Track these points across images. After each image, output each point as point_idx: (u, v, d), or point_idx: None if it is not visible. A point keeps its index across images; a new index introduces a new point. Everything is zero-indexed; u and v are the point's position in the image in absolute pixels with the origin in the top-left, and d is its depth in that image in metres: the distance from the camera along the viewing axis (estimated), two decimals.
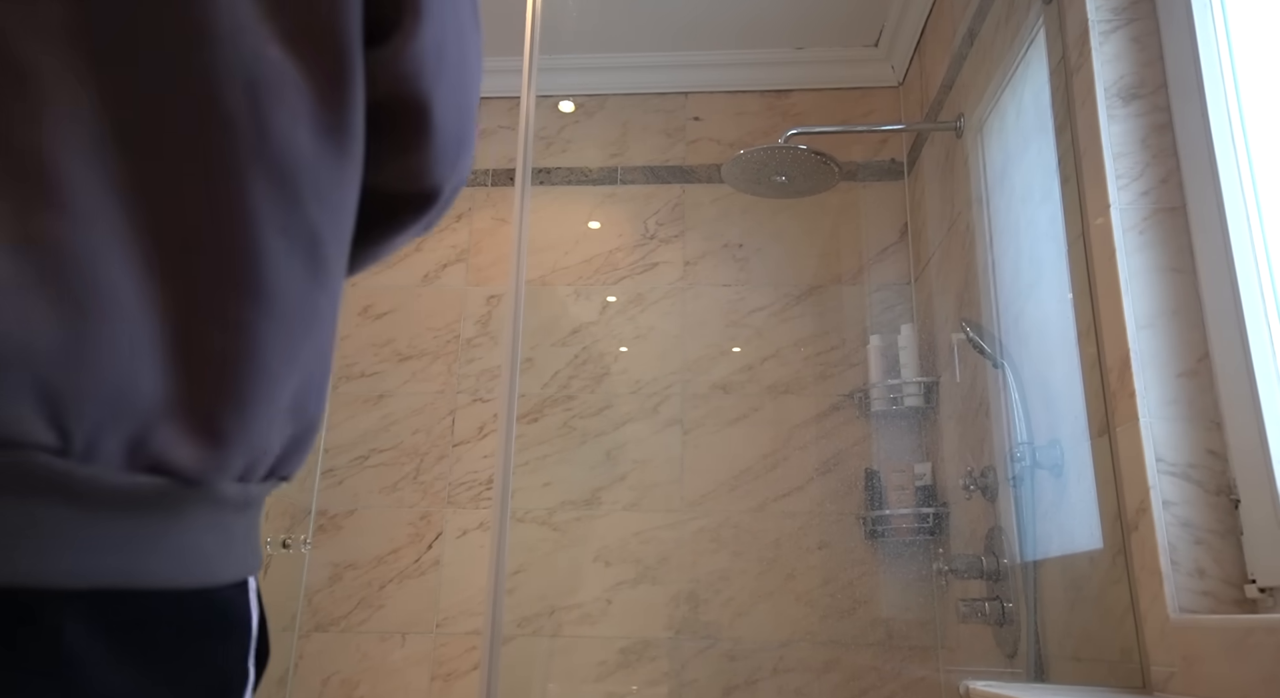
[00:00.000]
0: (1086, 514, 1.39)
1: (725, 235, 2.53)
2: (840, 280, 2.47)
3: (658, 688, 2.19)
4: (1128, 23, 1.38)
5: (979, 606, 1.75)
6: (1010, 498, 1.70)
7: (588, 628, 2.25)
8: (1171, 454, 1.21)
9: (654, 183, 2.59)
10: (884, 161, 2.54)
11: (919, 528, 2.20)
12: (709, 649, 2.21)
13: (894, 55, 2.55)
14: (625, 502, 2.33)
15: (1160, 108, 1.33)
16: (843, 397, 2.36)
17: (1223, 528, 1.17)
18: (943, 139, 2.20)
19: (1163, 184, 1.30)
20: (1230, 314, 1.18)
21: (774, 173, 2.09)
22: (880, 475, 2.26)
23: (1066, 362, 1.48)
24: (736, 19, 2.49)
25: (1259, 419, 1.12)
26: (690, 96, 2.66)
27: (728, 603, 2.24)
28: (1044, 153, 1.58)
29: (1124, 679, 1.24)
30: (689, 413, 2.39)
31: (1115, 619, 1.28)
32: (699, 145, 2.62)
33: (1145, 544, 1.20)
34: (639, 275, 2.51)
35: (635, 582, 2.27)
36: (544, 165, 2.63)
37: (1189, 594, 1.15)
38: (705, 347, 2.44)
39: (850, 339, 2.41)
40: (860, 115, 2.59)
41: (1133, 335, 1.26)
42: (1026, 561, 1.63)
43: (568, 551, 2.31)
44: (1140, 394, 1.23)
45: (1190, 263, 1.27)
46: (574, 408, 2.42)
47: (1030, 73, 1.68)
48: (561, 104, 2.68)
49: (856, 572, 2.24)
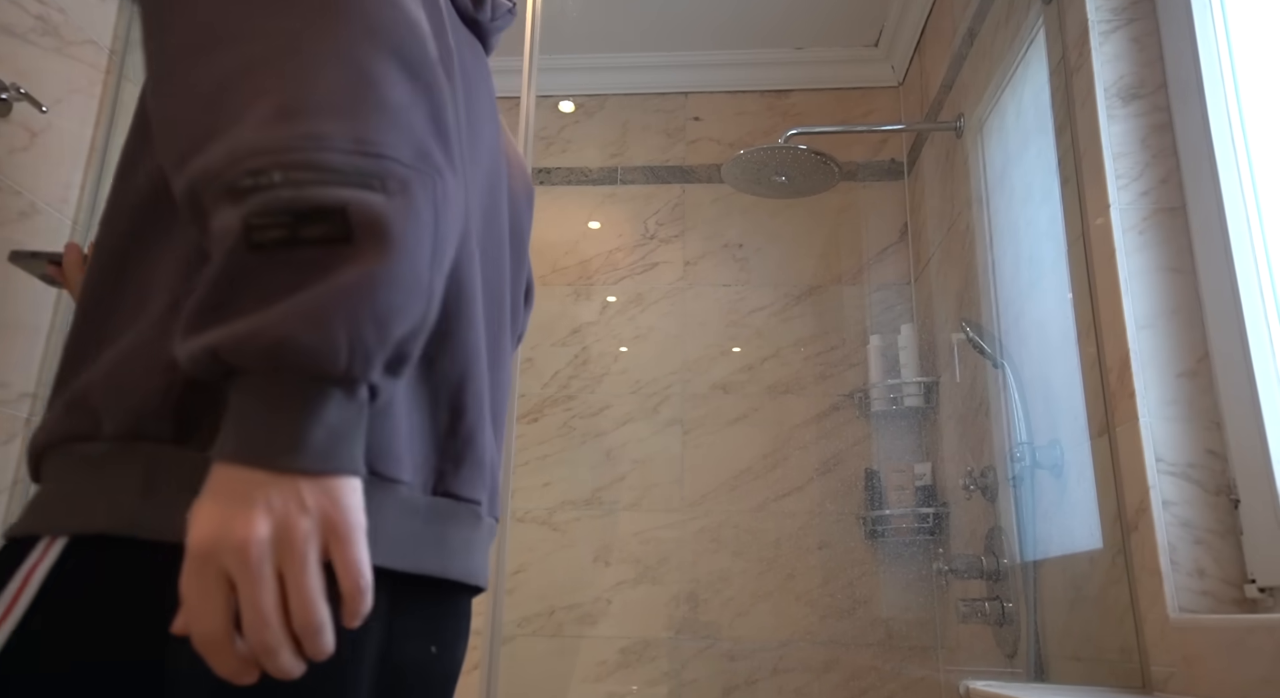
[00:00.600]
0: (1086, 514, 1.39)
1: (725, 235, 2.53)
2: (840, 280, 2.47)
3: (658, 688, 2.19)
4: (1127, 23, 1.38)
5: (979, 606, 1.75)
6: (1010, 498, 1.70)
7: (588, 628, 2.25)
8: (1171, 454, 1.21)
9: (654, 183, 2.59)
10: (884, 161, 2.54)
11: (919, 528, 2.20)
12: (709, 649, 2.21)
13: (894, 55, 2.55)
14: (625, 502, 2.33)
15: (1160, 108, 1.33)
16: (843, 397, 2.36)
17: (1222, 528, 1.17)
18: (943, 139, 2.21)
19: (1162, 184, 1.31)
20: (1230, 314, 1.18)
21: (774, 173, 2.09)
22: (880, 475, 2.26)
23: (1066, 362, 1.48)
24: (736, 19, 2.49)
25: (1259, 419, 1.12)
26: (690, 96, 2.66)
27: (728, 603, 2.24)
28: (1044, 153, 1.58)
29: (1124, 679, 1.24)
30: (689, 413, 2.39)
31: (1115, 619, 1.28)
32: (699, 145, 2.62)
33: (1145, 544, 1.20)
34: (639, 275, 2.51)
35: (635, 582, 2.27)
36: (544, 165, 2.63)
37: (1189, 594, 1.15)
38: (705, 347, 2.44)
39: (850, 339, 2.41)
40: (860, 115, 2.59)
41: (1132, 335, 1.26)
42: (1026, 561, 1.63)
43: (568, 551, 2.31)
44: (1140, 394, 1.23)
45: (1190, 263, 1.27)
46: (574, 408, 2.42)
47: (1030, 73, 1.68)
48: (561, 104, 2.68)
49: (856, 572, 2.24)
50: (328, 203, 0.47)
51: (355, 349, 0.47)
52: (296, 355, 0.46)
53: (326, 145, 0.48)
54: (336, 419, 0.48)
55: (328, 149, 0.48)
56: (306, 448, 0.47)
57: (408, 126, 0.52)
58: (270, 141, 0.48)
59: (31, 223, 1.39)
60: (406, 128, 0.52)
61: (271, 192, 0.47)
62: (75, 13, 1.49)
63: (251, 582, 0.46)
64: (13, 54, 1.36)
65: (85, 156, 1.51)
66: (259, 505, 0.46)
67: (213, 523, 0.46)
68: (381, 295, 0.47)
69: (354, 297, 0.47)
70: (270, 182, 0.47)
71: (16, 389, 1.38)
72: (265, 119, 0.49)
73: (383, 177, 0.49)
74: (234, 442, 0.48)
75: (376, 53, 0.53)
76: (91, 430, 0.55)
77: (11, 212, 1.35)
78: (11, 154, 1.37)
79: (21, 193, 1.38)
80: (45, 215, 1.42)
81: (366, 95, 0.51)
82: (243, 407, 0.48)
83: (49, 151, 1.44)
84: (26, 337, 1.40)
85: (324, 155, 0.48)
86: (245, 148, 0.48)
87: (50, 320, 1.44)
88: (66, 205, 1.46)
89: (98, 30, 1.54)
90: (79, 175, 1.50)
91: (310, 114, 0.49)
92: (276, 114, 0.49)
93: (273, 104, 0.49)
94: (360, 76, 0.51)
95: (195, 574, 0.46)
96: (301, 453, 0.47)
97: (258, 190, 0.47)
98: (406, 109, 0.52)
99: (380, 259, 0.48)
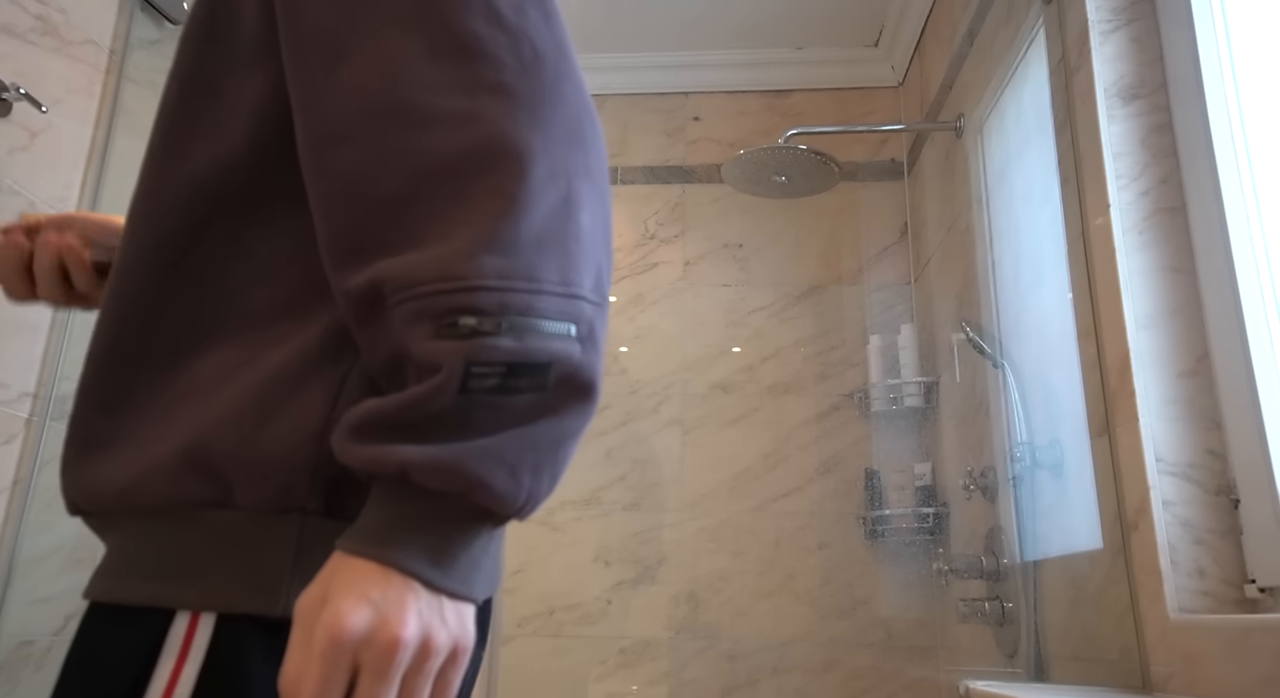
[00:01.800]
0: (1086, 514, 1.39)
1: (725, 235, 2.53)
2: (840, 280, 2.47)
3: (658, 688, 2.19)
4: (1128, 23, 1.38)
5: (979, 606, 1.75)
6: (1010, 498, 1.70)
7: (588, 628, 2.25)
8: (1171, 454, 1.21)
9: (654, 183, 2.59)
10: (884, 161, 2.54)
11: (919, 528, 2.20)
12: (709, 649, 2.21)
13: (894, 55, 2.55)
14: (625, 502, 2.33)
15: (1160, 108, 1.33)
16: (843, 397, 2.36)
17: (1223, 528, 1.17)
18: (943, 139, 2.20)
19: (1163, 184, 1.30)
20: (1230, 314, 1.18)
21: (774, 173, 2.09)
22: (880, 475, 2.26)
23: (1066, 362, 1.48)
24: (736, 19, 2.49)
25: (1259, 419, 1.12)
26: (690, 96, 2.66)
27: (728, 603, 2.24)
28: (1044, 153, 1.58)
29: (1124, 679, 1.24)
30: (689, 413, 2.39)
31: (1115, 619, 1.28)
32: (699, 145, 2.62)
33: (1145, 544, 1.20)
34: (639, 275, 2.51)
35: (635, 582, 2.27)
36: None
37: (1189, 594, 1.15)
38: (705, 347, 2.44)
39: (850, 339, 2.41)
40: (860, 115, 2.59)
41: (1133, 335, 1.26)
42: (1026, 561, 1.63)
43: (568, 551, 2.31)
44: (1140, 394, 1.23)
45: (1190, 263, 1.27)
46: None
47: (1030, 73, 1.68)
48: None
49: (856, 572, 2.24)
50: (539, 358, 0.47)
51: (532, 499, 0.49)
52: (486, 496, 0.47)
53: (542, 287, 0.48)
54: (481, 549, 0.50)
55: (543, 292, 0.48)
56: (458, 571, 0.48)
57: (592, 254, 0.51)
58: (491, 274, 0.47)
59: None
60: (591, 255, 0.51)
61: (494, 338, 0.46)
62: (75, 13, 1.49)
63: (384, 682, 0.45)
64: (13, 54, 1.36)
65: (85, 156, 1.51)
66: (413, 611, 0.46)
67: (364, 614, 0.45)
68: (564, 451, 0.49)
69: (545, 450, 0.48)
70: (495, 328, 0.46)
71: (16, 389, 1.38)
72: (482, 240, 0.47)
73: (577, 320, 0.49)
74: (391, 542, 0.47)
75: (576, 160, 0.51)
76: (223, 498, 0.52)
77: (11, 211, 1.35)
78: (11, 154, 1.37)
79: (21, 193, 1.38)
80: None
81: (569, 220, 0.50)
82: (405, 513, 0.48)
83: (48, 151, 1.44)
84: (26, 337, 1.40)
85: (541, 301, 0.47)
86: (459, 272, 0.46)
87: (50, 320, 1.44)
88: (66, 205, 1.46)
89: (98, 30, 1.54)
90: (78, 175, 1.50)
91: (527, 246, 0.48)
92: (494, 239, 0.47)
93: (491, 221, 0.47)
94: (568, 197, 0.50)
95: (324, 659, 0.45)
96: (453, 575, 0.48)
97: (479, 335, 0.46)
98: (592, 234, 0.51)
99: (572, 415, 0.49)
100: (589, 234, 0.51)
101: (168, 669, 0.50)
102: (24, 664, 1.35)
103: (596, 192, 0.52)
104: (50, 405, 1.42)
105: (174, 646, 0.50)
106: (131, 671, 0.50)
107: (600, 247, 0.52)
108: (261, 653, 0.50)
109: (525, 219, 0.48)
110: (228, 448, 0.52)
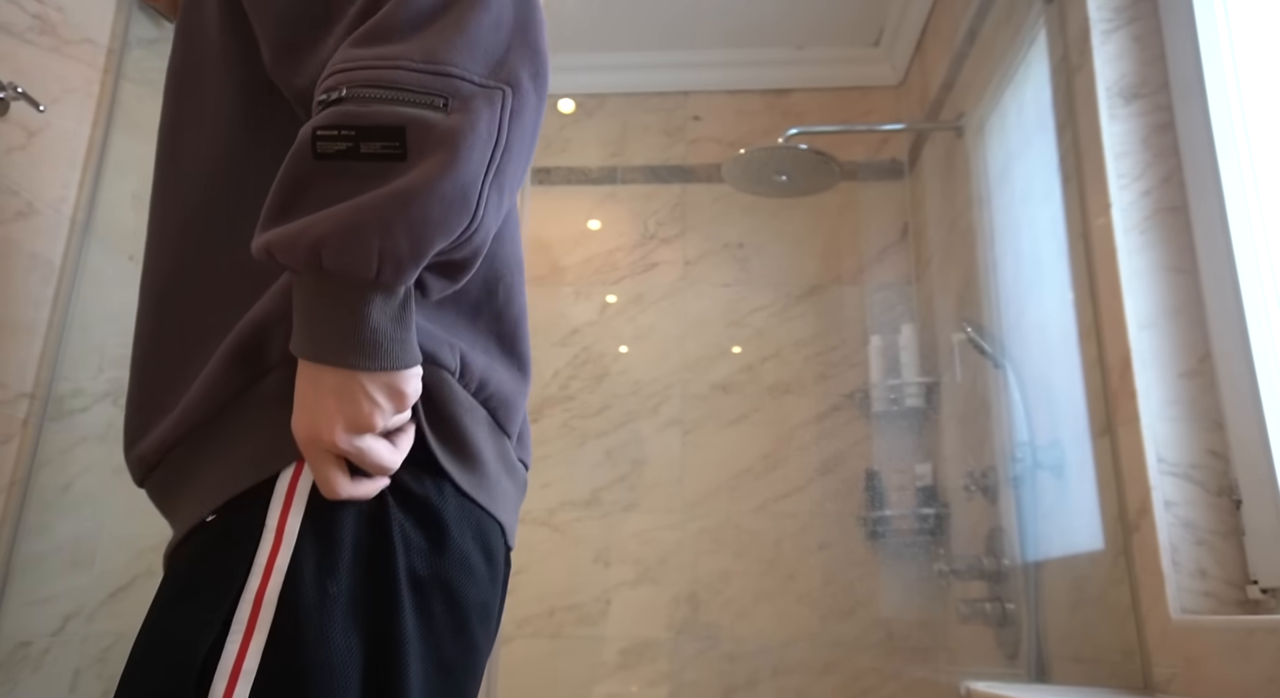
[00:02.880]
0: (1088, 515, 1.39)
1: (725, 235, 2.52)
2: (840, 280, 2.46)
3: (658, 689, 2.19)
4: (1129, 22, 1.37)
5: (980, 606, 1.74)
6: (1011, 499, 1.70)
7: (588, 629, 2.24)
8: (1173, 455, 1.20)
9: (654, 182, 2.59)
10: (884, 161, 2.54)
11: (920, 529, 2.19)
12: (709, 650, 2.21)
13: (894, 55, 2.55)
14: (625, 502, 2.33)
15: (1162, 107, 1.33)
16: (843, 397, 2.36)
17: (1224, 529, 1.16)
18: (943, 139, 2.20)
19: (1164, 184, 1.30)
20: (1232, 314, 1.18)
21: (774, 172, 2.08)
22: (881, 476, 2.25)
23: (1067, 362, 1.48)
24: (736, 19, 2.49)
25: (1261, 419, 1.12)
26: (690, 96, 2.65)
27: (728, 604, 2.24)
28: (1045, 152, 1.57)
29: (1125, 680, 1.24)
30: (689, 413, 2.38)
31: (1117, 620, 1.28)
32: (699, 145, 2.61)
33: (1147, 545, 1.19)
34: (639, 275, 2.51)
35: (635, 582, 2.27)
36: (544, 165, 2.62)
37: (1191, 595, 1.15)
38: (705, 347, 2.43)
39: (850, 339, 2.40)
40: (861, 115, 2.59)
41: (1134, 335, 1.25)
42: (1028, 561, 1.63)
43: (568, 551, 2.31)
44: (1141, 394, 1.22)
45: (1192, 263, 1.26)
46: (574, 408, 2.41)
47: (1031, 72, 1.67)
48: (561, 103, 2.67)
49: (857, 573, 2.23)
50: (387, 121, 0.50)
51: (385, 257, 0.50)
52: (331, 259, 0.50)
53: (398, 63, 0.52)
54: (389, 319, 0.53)
55: (399, 67, 0.51)
56: (367, 348, 0.53)
57: (482, 42, 0.54)
58: (349, 60, 0.52)
59: (29, 223, 1.39)
60: (480, 43, 0.54)
61: (339, 106, 0.51)
62: (73, 12, 1.49)
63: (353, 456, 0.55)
64: (10, 53, 1.36)
65: (83, 156, 1.51)
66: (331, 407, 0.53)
67: (302, 427, 0.54)
68: (417, 208, 0.50)
69: (390, 208, 0.50)
70: (339, 97, 0.51)
71: (13, 390, 1.37)
72: (355, 38, 0.53)
73: (446, 94, 0.52)
74: (301, 338, 0.54)
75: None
76: (256, 376, 0.60)
77: (9, 211, 1.35)
78: (8, 153, 1.36)
79: (19, 192, 1.37)
80: (43, 215, 1.42)
81: (446, 13, 0.54)
82: (307, 304, 0.53)
83: (46, 151, 1.43)
84: (23, 337, 1.39)
85: (392, 74, 0.51)
86: (334, 60, 0.53)
87: (47, 321, 1.44)
88: (64, 205, 1.46)
89: (96, 29, 1.54)
90: (76, 175, 1.49)
91: (392, 33, 0.53)
92: (364, 33, 0.53)
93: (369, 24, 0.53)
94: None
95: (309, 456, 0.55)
96: (370, 354, 0.53)
97: (328, 105, 0.51)
98: (487, 26, 0.55)
99: (425, 174, 0.50)
100: (477, 25, 0.54)
101: (276, 513, 0.56)
102: (21, 665, 1.34)
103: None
104: (47, 406, 1.41)
105: (280, 495, 0.57)
106: (252, 547, 0.56)
107: (503, 39, 0.55)
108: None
109: (400, 12, 0.53)
110: (244, 340, 0.59)
